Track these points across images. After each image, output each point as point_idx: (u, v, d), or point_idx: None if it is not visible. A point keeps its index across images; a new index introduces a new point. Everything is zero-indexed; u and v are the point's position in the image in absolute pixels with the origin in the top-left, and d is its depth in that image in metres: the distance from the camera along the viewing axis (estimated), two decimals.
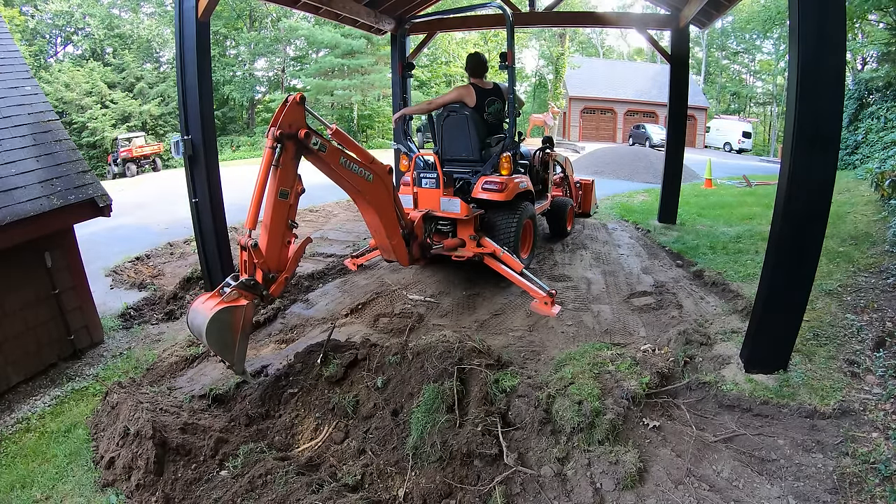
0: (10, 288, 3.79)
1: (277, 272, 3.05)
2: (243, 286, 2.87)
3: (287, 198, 3.01)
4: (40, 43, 26.15)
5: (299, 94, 3.04)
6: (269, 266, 2.98)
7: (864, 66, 18.43)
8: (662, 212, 7.68)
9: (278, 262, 3.06)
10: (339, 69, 27.99)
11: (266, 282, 2.98)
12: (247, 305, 2.87)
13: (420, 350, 3.36)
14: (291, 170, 3.02)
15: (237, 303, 2.83)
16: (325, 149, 3.16)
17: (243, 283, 2.87)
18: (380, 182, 3.69)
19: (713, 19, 7.10)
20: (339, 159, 3.32)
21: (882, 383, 3.10)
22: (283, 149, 2.94)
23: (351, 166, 3.43)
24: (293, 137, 2.98)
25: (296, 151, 3.03)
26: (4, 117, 4.04)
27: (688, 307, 4.51)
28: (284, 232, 3.07)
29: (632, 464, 2.61)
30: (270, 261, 2.99)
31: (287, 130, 2.95)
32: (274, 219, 2.98)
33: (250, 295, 2.90)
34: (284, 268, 3.09)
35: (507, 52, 4.82)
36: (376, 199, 3.76)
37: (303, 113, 3.03)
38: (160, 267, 6.57)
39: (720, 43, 38.33)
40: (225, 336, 2.81)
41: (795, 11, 2.84)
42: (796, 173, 2.95)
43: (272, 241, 2.99)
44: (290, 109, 2.97)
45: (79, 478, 2.93)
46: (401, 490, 2.69)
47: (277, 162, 2.93)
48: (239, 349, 2.92)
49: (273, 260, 3.01)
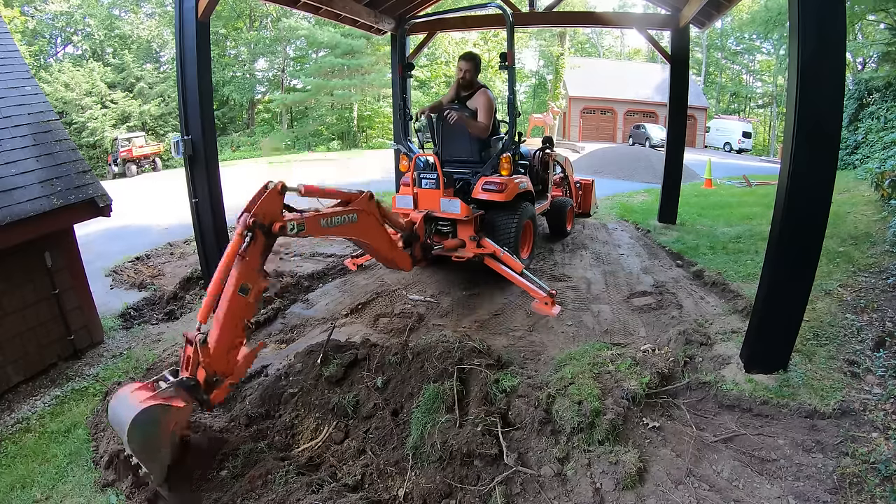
0: (10, 288, 3.79)
1: (223, 376, 2.67)
2: (183, 385, 2.49)
3: (247, 294, 2.68)
4: (40, 43, 26.16)
5: (281, 182, 2.79)
6: (214, 368, 2.60)
7: (864, 67, 18.44)
8: (662, 212, 7.68)
9: (226, 365, 2.68)
10: (339, 69, 28.00)
11: (208, 385, 2.60)
12: (183, 408, 2.48)
13: (420, 350, 3.36)
14: (256, 263, 2.74)
15: (172, 402, 2.44)
16: (304, 227, 2.97)
17: (183, 381, 2.49)
18: (365, 216, 3.57)
19: (713, 19, 7.10)
20: (319, 224, 3.15)
21: (882, 383, 3.10)
22: (252, 238, 2.67)
23: (333, 221, 3.27)
24: (265, 231, 2.73)
25: (264, 246, 2.77)
26: (4, 117, 4.04)
27: (688, 307, 4.51)
28: (237, 333, 2.71)
29: (632, 464, 2.61)
30: (217, 362, 2.61)
31: (261, 221, 2.70)
32: (228, 316, 2.64)
33: (188, 397, 2.52)
34: (231, 372, 2.72)
35: (507, 52, 4.81)
36: (367, 233, 3.68)
37: (280, 205, 2.82)
38: (160, 267, 6.57)
39: (720, 43, 38.34)
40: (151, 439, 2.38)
41: (795, 11, 2.84)
42: (796, 173, 2.95)
43: (221, 340, 2.63)
44: (267, 199, 2.72)
45: (79, 478, 2.92)
46: (401, 490, 2.69)
47: (244, 253, 2.65)
48: (163, 456, 2.48)
49: (219, 362, 2.63)
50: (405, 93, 5.99)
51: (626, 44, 43.15)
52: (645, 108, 31.11)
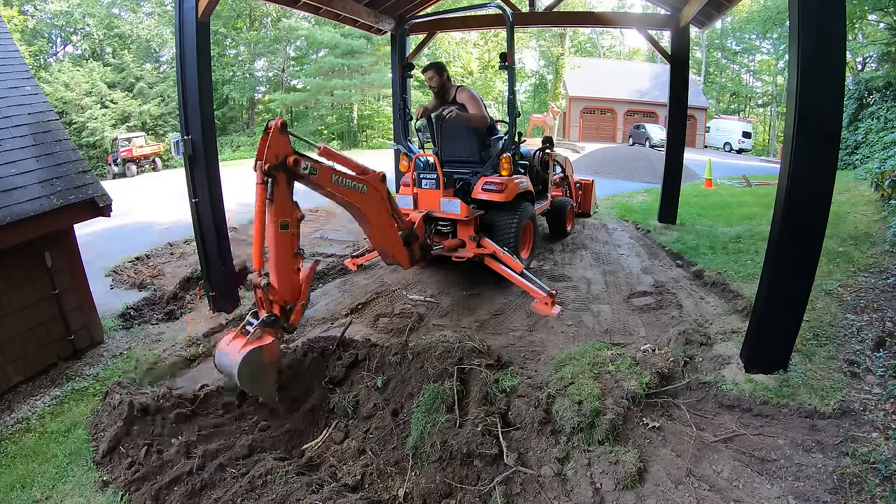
0: (10, 288, 3.79)
1: (294, 302, 3.07)
2: (265, 324, 2.87)
3: (289, 228, 2.97)
4: (40, 43, 26.10)
5: (280, 119, 2.94)
6: (284, 299, 2.99)
7: (864, 66, 18.44)
8: (662, 212, 7.68)
9: (292, 292, 3.06)
10: (339, 69, 27.99)
11: (284, 314, 3.01)
12: (272, 342, 2.88)
13: (420, 350, 3.36)
14: (286, 200, 2.97)
15: (263, 341, 2.83)
16: (316, 171, 3.09)
17: (265, 321, 2.87)
18: (374, 192, 3.64)
19: (713, 19, 7.10)
20: (330, 177, 3.25)
21: (882, 383, 3.10)
22: (274, 182, 2.85)
23: (343, 182, 3.37)
24: (282, 167, 2.89)
25: (287, 180, 2.95)
26: (4, 117, 4.04)
27: (688, 307, 4.51)
28: (292, 263, 3.04)
29: (632, 464, 2.61)
30: (284, 294, 2.99)
31: (274, 162, 2.85)
32: (279, 253, 2.94)
33: (273, 331, 2.91)
34: (299, 296, 3.11)
35: (507, 52, 4.81)
36: (372, 209, 3.70)
37: (287, 139, 2.94)
38: (160, 267, 6.57)
39: (720, 43, 38.33)
40: (257, 375, 2.83)
41: (795, 11, 2.84)
42: (796, 173, 2.95)
43: (282, 275, 2.97)
44: (273, 139, 2.86)
45: (79, 478, 2.92)
46: (401, 490, 2.69)
47: (272, 196, 2.86)
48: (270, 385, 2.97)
49: (287, 292, 3.01)
50: (405, 93, 5.99)
51: (625, 44, 43.15)
52: (645, 108, 31.10)
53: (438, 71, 5.15)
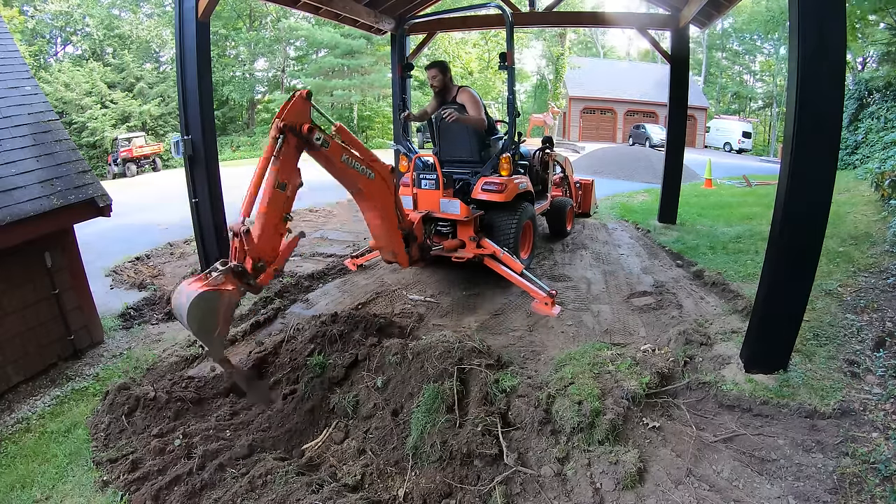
0: (10, 288, 3.79)
1: (267, 262, 2.96)
2: (231, 272, 2.77)
3: (285, 190, 2.97)
4: (40, 43, 26.10)
5: (306, 89, 3.05)
6: (259, 254, 2.90)
7: (864, 67, 18.44)
8: (662, 212, 7.68)
9: (269, 251, 2.98)
10: (339, 69, 28.01)
11: (255, 270, 2.89)
12: (232, 291, 2.77)
13: (420, 350, 3.36)
14: (292, 162, 3.01)
15: (222, 287, 2.72)
16: (328, 145, 3.17)
17: (231, 268, 2.78)
18: (381, 181, 3.70)
19: (713, 19, 7.10)
20: (341, 156, 3.32)
21: (882, 383, 3.10)
22: (285, 140, 2.95)
23: (353, 164, 3.43)
24: (296, 131, 2.99)
25: (297, 145, 3.03)
26: (4, 117, 4.04)
27: (688, 307, 4.51)
28: (278, 223, 3.01)
29: (632, 464, 2.61)
30: (261, 249, 2.91)
31: (291, 123, 2.96)
32: (269, 208, 2.93)
33: (237, 282, 2.80)
34: (275, 259, 3.02)
35: (506, 52, 4.81)
36: (378, 197, 3.77)
37: (308, 108, 3.05)
38: (160, 267, 6.57)
39: (721, 43, 38.32)
40: (206, 319, 2.70)
41: (795, 11, 2.84)
42: (796, 173, 2.95)
43: (265, 229, 2.93)
44: (295, 103, 2.98)
45: (79, 478, 2.92)
46: (401, 490, 2.69)
47: (278, 153, 2.93)
48: (219, 335, 2.83)
49: (264, 249, 2.94)
50: (405, 93, 6.00)
51: (631, 45, 43.13)
52: (645, 108, 31.10)
53: (442, 70, 5.14)
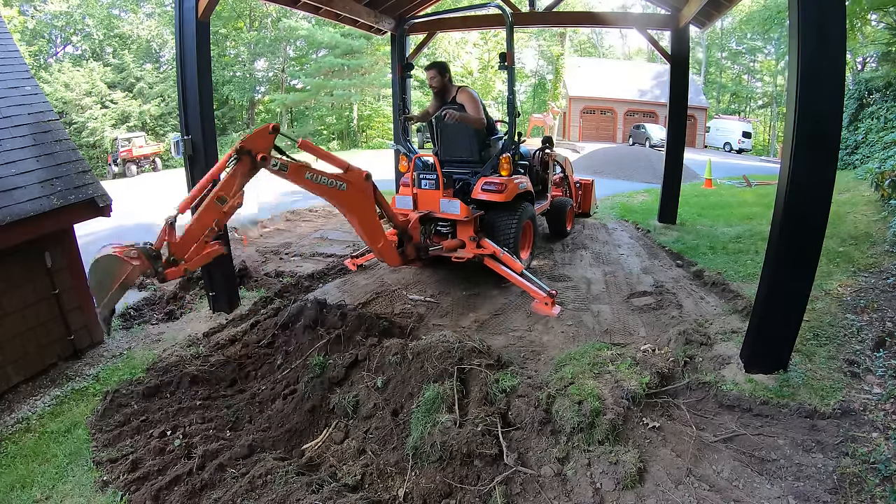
0: (10, 288, 3.79)
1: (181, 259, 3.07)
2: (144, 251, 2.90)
3: (223, 204, 3.10)
4: (40, 43, 26.13)
5: (274, 124, 3.22)
6: (174, 250, 3.03)
7: (864, 67, 18.43)
8: (662, 212, 7.68)
9: (185, 251, 3.07)
10: (339, 69, 28.00)
11: (167, 262, 3.01)
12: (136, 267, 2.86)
13: (420, 350, 3.36)
14: (238, 182, 3.13)
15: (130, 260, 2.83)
16: (287, 168, 3.29)
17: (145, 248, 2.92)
18: (355, 190, 3.72)
19: (713, 19, 7.10)
20: (304, 175, 3.40)
21: (882, 383, 3.10)
22: (239, 161, 3.10)
23: (319, 179, 3.50)
24: (251, 155, 3.13)
25: (250, 168, 3.15)
26: (4, 117, 4.04)
27: (688, 307, 4.51)
28: (205, 231, 3.12)
29: (632, 464, 2.61)
30: (180, 246, 3.04)
31: (249, 148, 3.11)
32: (203, 214, 3.08)
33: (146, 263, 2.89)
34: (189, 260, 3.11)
35: (506, 52, 4.81)
36: (353, 206, 3.81)
37: (271, 141, 3.20)
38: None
39: (720, 43, 38.32)
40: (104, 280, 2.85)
41: (795, 11, 2.84)
42: (796, 173, 2.95)
43: (191, 231, 3.07)
44: (259, 134, 3.16)
45: (79, 478, 2.92)
46: (401, 490, 2.69)
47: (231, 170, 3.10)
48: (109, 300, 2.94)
49: (182, 247, 3.05)
50: (405, 93, 5.99)
51: (626, 43, 43.12)
52: (645, 108, 31.10)
53: (441, 71, 5.14)
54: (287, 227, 8.53)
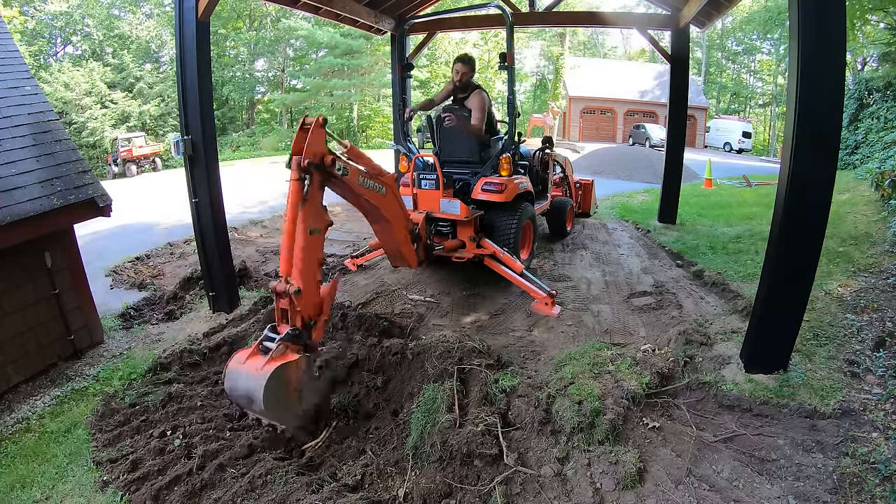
0: (10, 288, 3.79)
1: (316, 317, 2.78)
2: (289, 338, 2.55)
3: (318, 233, 2.75)
4: (40, 43, 26.11)
5: (321, 116, 2.79)
6: (308, 313, 2.71)
7: (864, 67, 18.44)
8: (662, 212, 7.68)
9: (316, 306, 2.80)
10: (339, 69, 27.99)
11: (307, 329, 2.72)
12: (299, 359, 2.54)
13: (420, 350, 3.36)
14: (319, 202, 2.79)
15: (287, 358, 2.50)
16: (348, 172, 2.95)
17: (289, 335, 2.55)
18: (391, 193, 3.55)
19: (713, 19, 7.10)
20: (359, 179, 3.11)
21: (882, 383, 3.10)
22: (311, 180, 2.68)
23: (368, 183, 3.22)
24: (318, 166, 2.74)
25: (321, 181, 2.80)
26: (4, 117, 4.04)
27: (688, 307, 4.50)
28: (317, 271, 2.79)
29: (632, 464, 2.61)
30: (309, 307, 2.71)
31: (313, 159, 2.69)
32: (307, 259, 2.68)
33: (296, 346, 2.60)
34: (321, 311, 2.83)
35: (506, 52, 4.81)
36: (390, 209, 3.59)
37: (325, 137, 2.80)
38: (160, 267, 6.57)
39: (720, 43, 38.32)
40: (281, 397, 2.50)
41: (795, 11, 2.84)
42: (796, 173, 2.95)
43: (308, 284, 2.68)
44: (314, 135, 2.70)
45: (79, 478, 2.92)
46: (401, 490, 2.69)
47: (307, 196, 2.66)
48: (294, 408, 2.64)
49: (312, 305, 2.74)
50: (405, 93, 5.99)
51: (630, 45, 43.12)
52: (645, 108, 31.10)
53: (472, 68, 5.03)
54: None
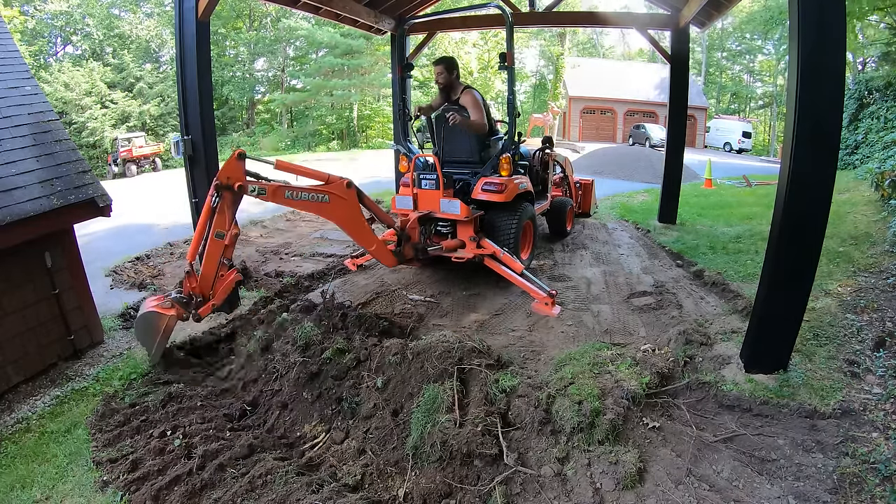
0: (10, 288, 3.79)
1: (207, 297, 3.55)
2: (176, 299, 3.45)
3: (222, 238, 3.47)
4: (40, 43, 26.11)
5: (240, 149, 3.45)
6: (200, 291, 3.51)
7: (864, 67, 18.44)
8: (662, 212, 7.68)
9: (208, 289, 3.54)
10: (339, 69, 28.00)
11: (197, 303, 3.51)
12: (171, 316, 3.43)
13: (420, 350, 3.36)
14: (228, 216, 3.45)
15: (165, 311, 3.40)
16: (265, 191, 3.53)
17: (176, 297, 3.47)
18: (338, 200, 3.85)
19: (713, 19, 7.10)
20: (283, 194, 3.59)
21: (882, 383, 3.10)
22: (220, 198, 3.37)
23: (300, 196, 3.69)
24: (230, 189, 3.38)
25: (233, 199, 3.44)
26: (4, 117, 4.03)
27: (688, 307, 4.50)
28: (217, 266, 3.52)
29: (632, 464, 2.61)
30: (202, 287, 3.51)
31: (225, 183, 3.35)
32: (210, 254, 3.46)
33: (180, 309, 3.44)
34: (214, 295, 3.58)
35: (506, 52, 4.80)
36: (338, 216, 3.95)
37: (241, 168, 3.42)
38: (160, 267, 6.57)
39: (720, 43, 38.32)
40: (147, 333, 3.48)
41: (795, 11, 2.84)
42: (796, 173, 2.95)
43: (206, 271, 3.50)
44: (227, 165, 3.38)
45: (79, 478, 2.92)
46: (401, 490, 2.69)
47: (215, 207, 3.39)
48: (157, 346, 3.54)
49: (204, 287, 3.52)
50: (404, 93, 5.98)
51: (628, 44, 43.11)
52: (645, 108, 31.10)
53: (448, 67, 5.10)
54: (287, 227, 8.53)
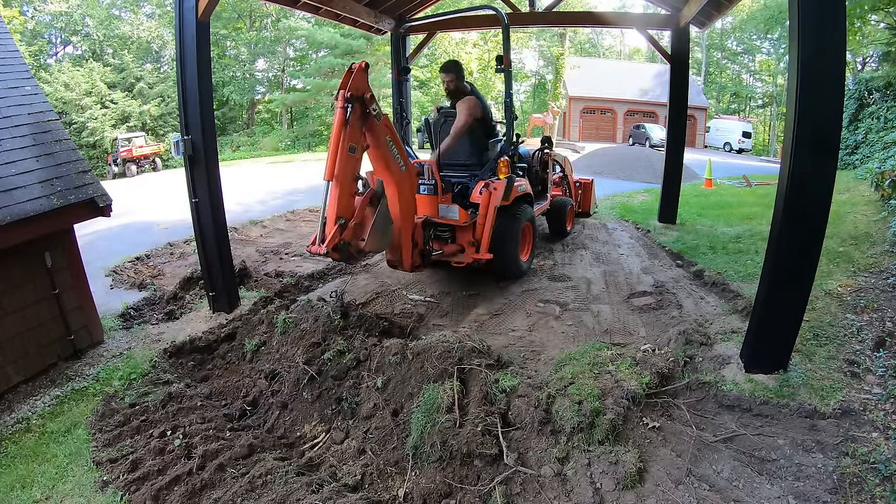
0: (10, 288, 3.79)
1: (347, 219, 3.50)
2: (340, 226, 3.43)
3: (354, 153, 3.44)
4: (40, 43, 26.12)
5: (364, 61, 3.45)
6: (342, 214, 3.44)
7: (864, 67, 18.44)
8: (662, 212, 7.68)
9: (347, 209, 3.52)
10: (339, 69, 27.98)
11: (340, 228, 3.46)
12: None
13: (420, 350, 3.36)
14: (358, 128, 3.46)
15: None
16: (380, 118, 3.59)
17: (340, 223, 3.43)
18: (409, 176, 4.05)
19: (713, 19, 7.10)
20: (386, 136, 3.72)
21: (882, 383, 3.10)
22: (352, 110, 3.35)
23: (392, 148, 3.83)
24: (360, 99, 3.41)
25: (361, 112, 3.45)
26: (4, 117, 4.03)
27: (688, 307, 4.51)
28: (353, 182, 3.50)
29: (632, 464, 2.61)
30: (343, 209, 3.45)
31: (356, 93, 3.36)
32: (344, 171, 3.38)
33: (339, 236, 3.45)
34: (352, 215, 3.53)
35: (502, 54, 4.78)
36: (402, 190, 4.04)
37: (367, 79, 3.45)
38: (160, 267, 6.57)
39: (720, 43, 38.32)
40: None
41: (795, 11, 2.84)
42: (796, 173, 2.95)
43: (343, 190, 3.43)
44: (357, 75, 3.37)
45: (79, 478, 2.92)
46: (401, 490, 2.69)
47: (348, 120, 3.35)
48: None
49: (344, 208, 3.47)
50: (402, 96, 5.97)
51: (625, 44, 43.12)
52: (645, 108, 31.09)
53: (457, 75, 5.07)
54: (287, 227, 8.53)
